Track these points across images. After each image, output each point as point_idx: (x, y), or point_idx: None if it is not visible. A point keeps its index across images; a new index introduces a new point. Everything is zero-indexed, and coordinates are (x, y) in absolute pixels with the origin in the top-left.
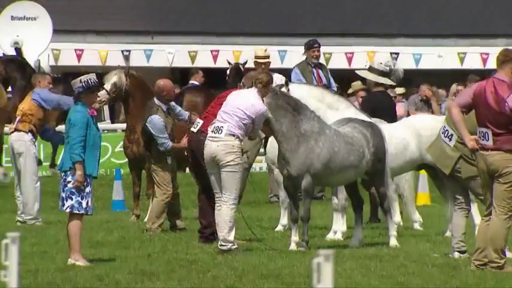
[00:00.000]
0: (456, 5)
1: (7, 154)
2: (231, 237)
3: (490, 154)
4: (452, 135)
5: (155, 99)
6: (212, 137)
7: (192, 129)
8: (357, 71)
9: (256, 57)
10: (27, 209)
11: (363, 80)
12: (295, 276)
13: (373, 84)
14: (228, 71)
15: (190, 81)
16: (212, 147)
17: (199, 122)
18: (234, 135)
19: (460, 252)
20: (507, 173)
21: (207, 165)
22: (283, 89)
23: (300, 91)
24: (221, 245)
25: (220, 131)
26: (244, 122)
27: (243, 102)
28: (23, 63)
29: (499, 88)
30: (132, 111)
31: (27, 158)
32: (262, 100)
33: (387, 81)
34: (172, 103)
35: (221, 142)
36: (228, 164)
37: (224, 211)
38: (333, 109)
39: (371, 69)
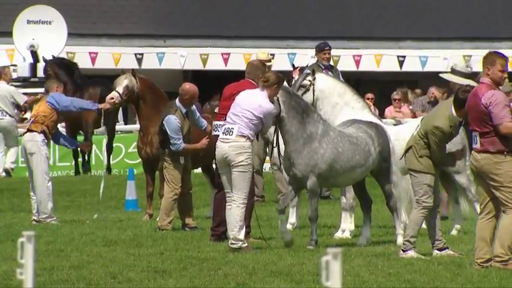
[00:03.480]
0: (461, 8)
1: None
2: (241, 235)
3: (480, 156)
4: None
5: (176, 101)
6: (223, 138)
7: (215, 132)
8: (440, 75)
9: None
10: (41, 208)
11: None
12: (304, 274)
13: (457, 87)
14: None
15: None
16: (223, 148)
17: (220, 123)
18: (244, 136)
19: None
20: (498, 175)
21: (219, 165)
22: (310, 78)
23: (326, 82)
24: (232, 244)
25: (231, 133)
26: (253, 122)
27: (251, 103)
28: (71, 66)
29: (478, 89)
30: (144, 113)
31: (38, 158)
32: (273, 99)
33: (471, 82)
34: (194, 108)
35: (232, 143)
36: (239, 164)
37: (234, 210)
38: (349, 107)
39: (454, 71)
